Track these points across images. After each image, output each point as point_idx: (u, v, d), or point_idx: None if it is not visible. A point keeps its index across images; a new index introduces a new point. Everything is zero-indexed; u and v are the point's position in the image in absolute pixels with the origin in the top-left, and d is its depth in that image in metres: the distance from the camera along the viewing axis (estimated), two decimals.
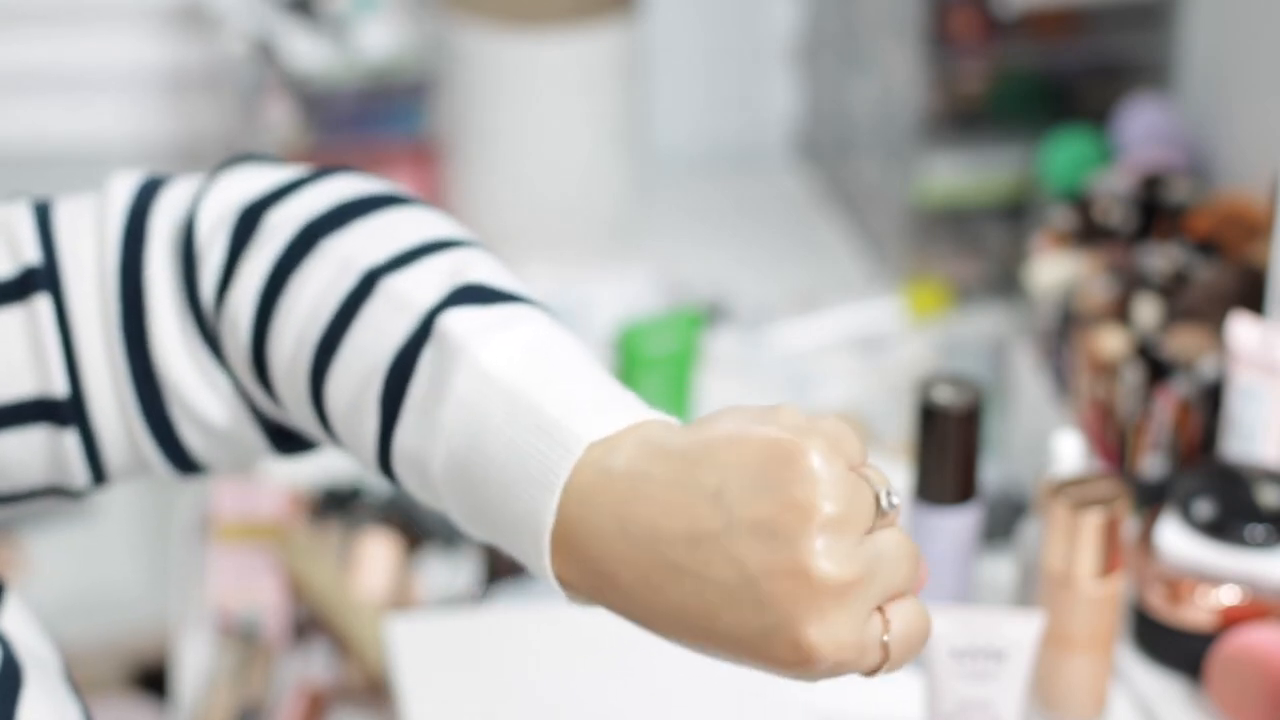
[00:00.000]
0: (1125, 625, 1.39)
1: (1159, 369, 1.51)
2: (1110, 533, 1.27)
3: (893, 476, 1.68)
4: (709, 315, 1.94)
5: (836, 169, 2.21)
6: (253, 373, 0.94)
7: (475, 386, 0.85)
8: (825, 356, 1.91)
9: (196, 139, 2.25)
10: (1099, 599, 1.27)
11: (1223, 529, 1.35)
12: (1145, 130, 1.84)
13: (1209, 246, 1.63)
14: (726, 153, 2.31)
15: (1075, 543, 1.27)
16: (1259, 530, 1.35)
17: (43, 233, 0.95)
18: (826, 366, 1.90)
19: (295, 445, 0.99)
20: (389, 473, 0.90)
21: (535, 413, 0.83)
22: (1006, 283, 1.96)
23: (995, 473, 1.68)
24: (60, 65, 2.21)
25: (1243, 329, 1.41)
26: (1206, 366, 1.49)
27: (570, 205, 2.04)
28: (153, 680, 2.18)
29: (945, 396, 1.30)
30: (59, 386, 0.94)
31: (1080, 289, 1.64)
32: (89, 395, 0.95)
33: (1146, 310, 1.57)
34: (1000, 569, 1.45)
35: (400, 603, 1.60)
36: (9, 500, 0.98)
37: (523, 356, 0.85)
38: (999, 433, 1.77)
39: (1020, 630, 1.21)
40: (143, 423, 0.96)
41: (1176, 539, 1.37)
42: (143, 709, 2.16)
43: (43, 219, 0.96)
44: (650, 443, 0.82)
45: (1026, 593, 1.38)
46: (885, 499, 0.80)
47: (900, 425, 1.79)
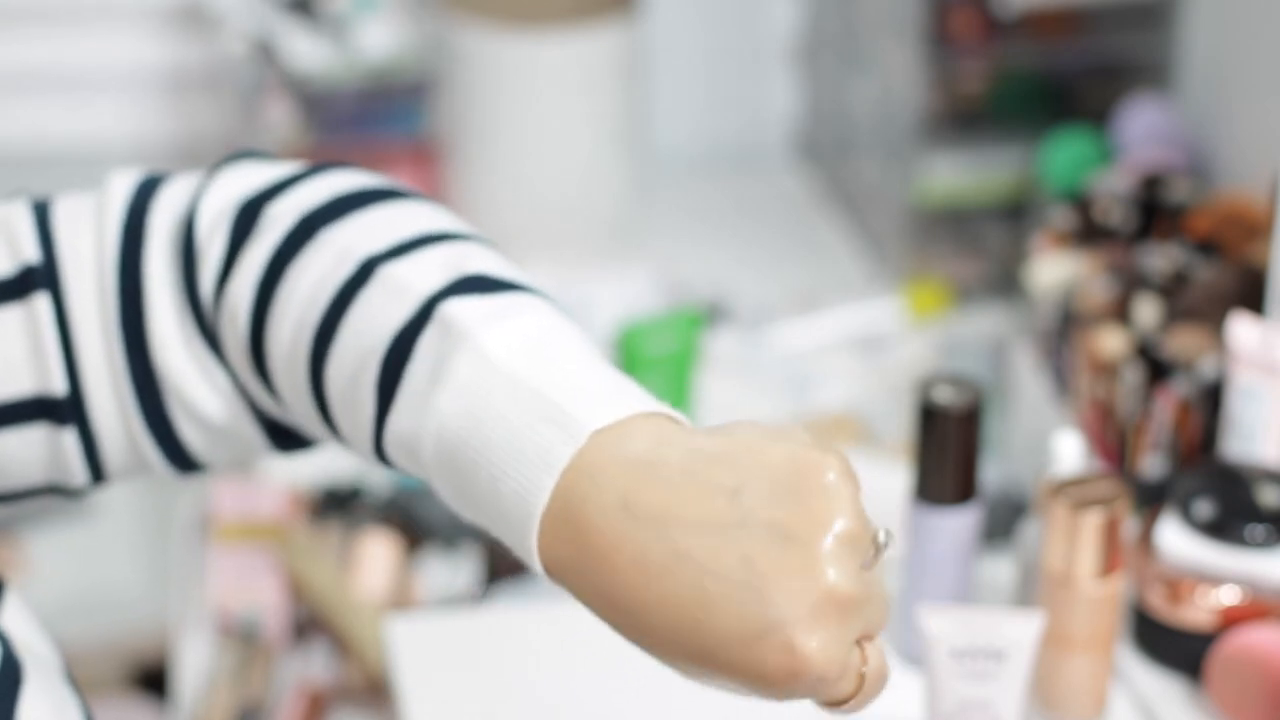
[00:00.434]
0: (1125, 625, 1.39)
1: (1159, 369, 1.51)
2: (1110, 533, 1.27)
3: (891, 482, 1.68)
4: (709, 315, 1.94)
5: (836, 169, 2.21)
6: (251, 365, 0.94)
7: (478, 372, 0.85)
8: (825, 356, 1.91)
9: (196, 139, 2.25)
10: (1099, 599, 1.27)
11: (1223, 529, 1.35)
12: (1145, 130, 1.84)
13: (1209, 246, 1.63)
14: (726, 153, 2.31)
15: (1075, 543, 1.27)
16: (1259, 530, 1.35)
17: (42, 231, 0.95)
18: (826, 366, 1.90)
19: (293, 442, 1.00)
20: (384, 457, 0.90)
21: (539, 398, 0.83)
22: (1006, 283, 1.96)
23: (995, 473, 1.68)
24: (60, 65, 2.21)
25: (1243, 329, 1.41)
26: (1206, 366, 1.49)
27: (570, 205, 2.04)
28: (153, 680, 2.18)
29: (945, 396, 1.30)
30: (58, 385, 0.94)
31: (1080, 289, 1.64)
32: (88, 393, 0.95)
33: (1146, 310, 1.57)
34: (1000, 569, 1.45)
35: (400, 603, 1.60)
36: (8, 499, 0.98)
37: (527, 344, 0.85)
38: (999, 433, 1.77)
39: (1020, 630, 1.21)
40: (141, 420, 0.96)
41: (1176, 539, 1.36)
42: (143, 709, 2.16)
43: (42, 217, 0.96)
44: (669, 436, 0.82)
45: (1026, 593, 1.38)
46: (883, 536, 0.82)
47: (900, 425, 1.79)
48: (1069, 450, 1.37)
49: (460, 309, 0.87)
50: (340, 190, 0.95)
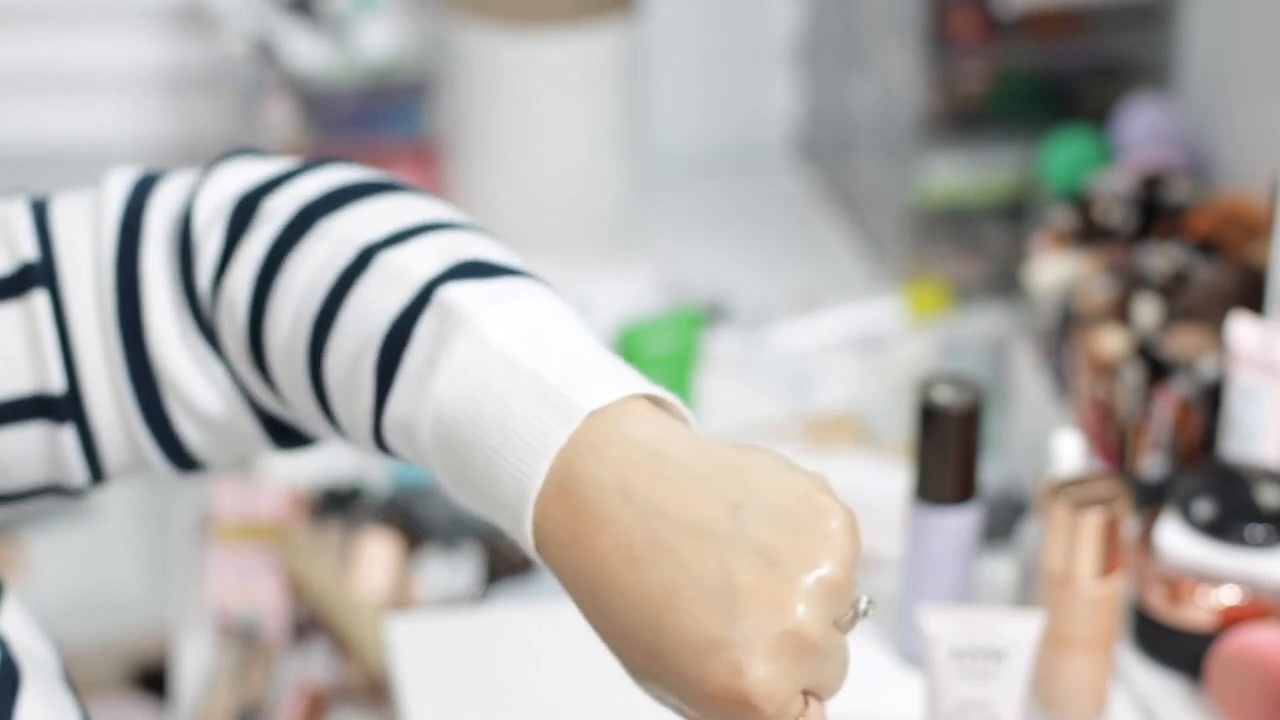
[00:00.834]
0: (1125, 625, 1.39)
1: (1159, 369, 1.51)
2: (1110, 533, 1.26)
3: (891, 482, 1.68)
4: (709, 315, 1.94)
5: (836, 169, 2.21)
6: (250, 358, 0.94)
7: (476, 355, 0.85)
8: (825, 356, 1.91)
9: (196, 139, 2.25)
10: (1099, 599, 1.27)
11: (1223, 529, 1.35)
12: (1145, 130, 1.84)
13: (1209, 246, 1.63)
14: (726, 153, 2.31)
15: (1075, 543, 1.26)
16: (1259, 530, 1.35)
17: (40, 229, 0.95)
18: (826, 366, 1.90)
19: (292, 440, 1.00)
20: (383, 445, 0.90)
21: (536, 380, 0.83)
22: (1006, 283, 1.96)
23: (995, 473, 1.68)
24: (60, 65, 2.21)
25: (1243, 329, 1.41)
26: (1206, 366, 1.49)
27: (570, 205, 2.04)
28: (153, 680, 2.18)
29: (945, 396, 1.30)
30: (56, 383, 0.94)
31: (1080, 289, 1.64)
32: (86, 391, 0.95)
33: (1146, 310, 1.57)
34: (1000, 569, 1.45)
35: (400, 603, 1.60)
36: (8, 499, 0.98)
37: (525, 328, 0.86)
38: (999, 433, 1.77)
39: (1020, 630, 1.21)
40: (140, 418, 0.96)
41: (1176, 539, 1.36)
42: (143, 709, 2.16)
43: (40, 215, 0.96)
44: (681, 431, 0.83)
45: (1026, 593, 1.38)
46: (864, 603, 0.82)
47: (900, 425, 1.79)
48: (1069, 450, 1.37)
49: (459, 293, 0.87)
50: (337, 183, 0.95)
